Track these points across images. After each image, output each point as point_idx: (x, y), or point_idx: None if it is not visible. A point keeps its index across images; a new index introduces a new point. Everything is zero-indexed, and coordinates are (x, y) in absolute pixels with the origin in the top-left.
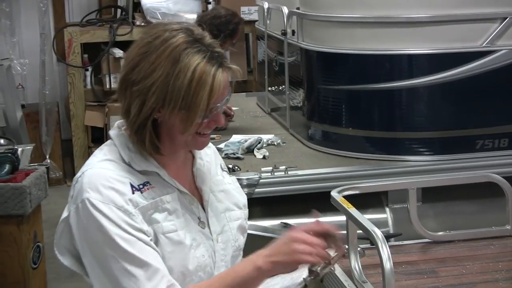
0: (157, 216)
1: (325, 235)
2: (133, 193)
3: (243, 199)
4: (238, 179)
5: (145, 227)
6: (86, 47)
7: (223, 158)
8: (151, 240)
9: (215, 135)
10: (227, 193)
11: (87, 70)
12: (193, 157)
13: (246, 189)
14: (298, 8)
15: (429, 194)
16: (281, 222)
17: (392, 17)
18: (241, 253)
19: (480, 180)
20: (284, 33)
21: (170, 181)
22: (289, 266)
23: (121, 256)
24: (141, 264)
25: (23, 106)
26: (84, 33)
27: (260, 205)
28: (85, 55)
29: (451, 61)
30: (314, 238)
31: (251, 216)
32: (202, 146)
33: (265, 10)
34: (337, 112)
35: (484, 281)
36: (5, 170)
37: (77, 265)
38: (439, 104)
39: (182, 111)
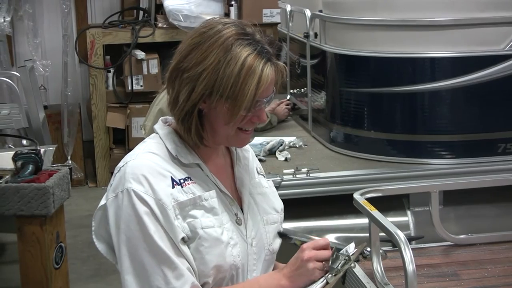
0: (195, 212)
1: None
2: (173, 187)
3: (279, 203)
4: None
5: (178, 223)
6: (108, 49)
7: None
8: (184, 236)
9: None
10: (265, 196)
11: (109, 71)
12: (232, 159)
13: None
14: (320, 11)
15: (450, 197)
16: (278, 232)
17: (415, 20)
18: (275, 256)
19: (502, 183)
20: (307, 36)
21: (212, 177)
22: (306, 277)
23: (154, 252)
24: (170, 263)
25: (45, 107)
26: (106, 34)
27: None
28: (107, 57)
29: (474, 64)
30: (324, 253)
31: None
32: (243, 143)
33: (288, 13)
34: (359, 114)
35: (506, 284)
36: (29, 170)
37: (110, 252)
38: (461, 107)
39: (229, 100)
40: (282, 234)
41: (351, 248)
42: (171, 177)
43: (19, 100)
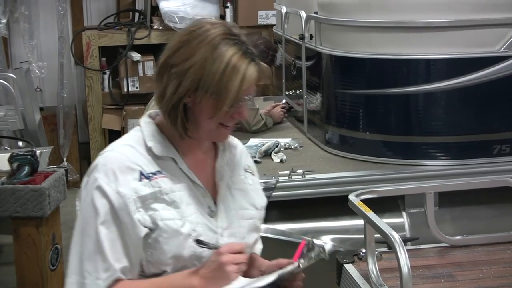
0: (156, 205)
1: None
2: (140, 180)
3: (261, 200)
4: None
5: (140, 215)
6: (104, 51)
7: None
8: (146, 229)
9: None
10: (245, 192)
11: (105, 73)
12: (216, 155)
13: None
14: (316, 13)
15: (446, 199)
16: (196, 239)
17: (410, 22)
18: (251, 250)
19: (497, 185)
20: (302, 38)
21: (186, 171)
22: (221, 280)
23: (95, 241)
24: (104, 255)
25: (41, 109)
26: (102, 36)
27: (277, 209)
28: (103, 59)
29: (469, 66)
30: (240, 256)
31: (267, 220)
32: (223, 137)
33: (283, 14)
34: (355, 116)
35: (501, 285)
36: (25, 172)
37: None
38: (456, 109)
39: (213, 95)
40: (198, 241)
41: (328, 245)
42: (140, 171)
43: (15, 102)
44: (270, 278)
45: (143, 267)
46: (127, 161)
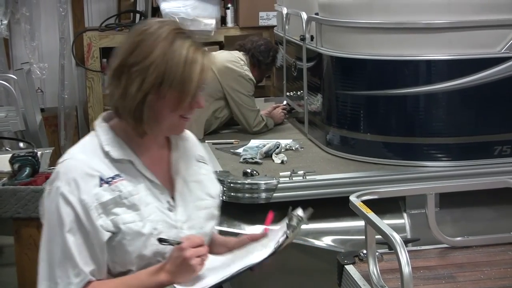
0: (117, 210)
1: None
2: (100, 186)
3: (215, 189)
4: (256, 184)
5: (102, 221)
6: (105, 52)
7: (241, 162)
8: (110, 233)
9: (233, 140)
10: (200, 183)
11: (106, 74)
12: (170, 149)
13: (264, 194)
14: (317, 14)
15: (446, 200)
16: (158, 238)
17: (411, 23)
18: (209, 238)
19: (498, 186)
20: (303, 39)
21: (144, 171)
22: (187, 273)
23: (64, 248)
24: (73, 261)
25: (42, 110)
26: (103, 37)
27: (278, 210)
28: (104, 60)
29: (470, 67)
30: (201, 249)
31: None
32: (182, 129)
33: (284, 16)
34: (355, 117)
35: (502, 286)
36: (26, 173)
37: None
38: (457, 110)
39: (177, 87)
40: (160, 240)
41: (300, 211)
42: (100, 177)
43: (16, 103)
44: (266, 252)
45: (109, 267)
46: (86, 168)
